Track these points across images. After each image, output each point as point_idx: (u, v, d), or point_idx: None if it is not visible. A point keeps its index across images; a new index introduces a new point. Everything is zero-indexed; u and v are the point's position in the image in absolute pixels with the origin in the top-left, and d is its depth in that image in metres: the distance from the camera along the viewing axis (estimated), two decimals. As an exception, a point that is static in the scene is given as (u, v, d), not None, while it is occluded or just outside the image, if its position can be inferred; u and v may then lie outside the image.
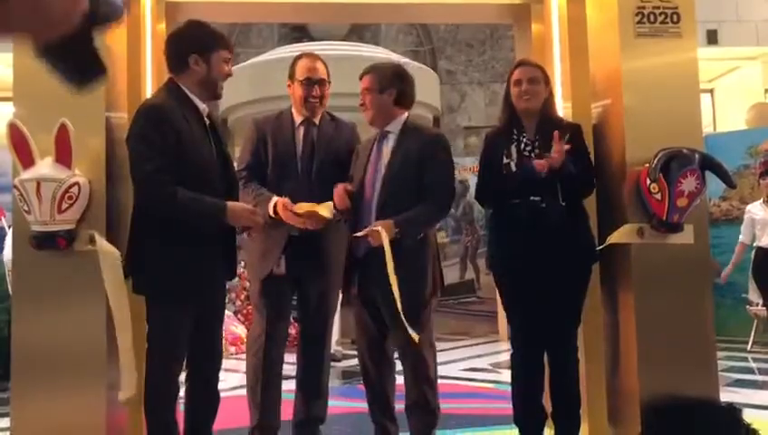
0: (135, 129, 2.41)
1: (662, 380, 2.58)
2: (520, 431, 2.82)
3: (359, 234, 2.70)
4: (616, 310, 2.77)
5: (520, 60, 3.02)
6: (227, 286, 2.92)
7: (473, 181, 6.94)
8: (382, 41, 10.74)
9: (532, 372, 2.80)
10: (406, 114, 2.92)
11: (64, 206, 2.40)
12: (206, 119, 2.57)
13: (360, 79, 2.91)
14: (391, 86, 2.86)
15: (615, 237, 2.63)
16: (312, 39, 9.81)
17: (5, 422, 4.38)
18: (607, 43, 2.81)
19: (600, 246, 2.71)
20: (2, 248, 6.15)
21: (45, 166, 2.40)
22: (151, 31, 3.10)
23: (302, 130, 3.05)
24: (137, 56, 2.94)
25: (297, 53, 3.27)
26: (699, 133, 2.72)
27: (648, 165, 2.59)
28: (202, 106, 2.56)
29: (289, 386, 3.13)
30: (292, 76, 3.08)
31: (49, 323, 2.50)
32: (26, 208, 2.41)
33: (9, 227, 6.07)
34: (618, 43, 2.71)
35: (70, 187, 2.40)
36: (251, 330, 3.13)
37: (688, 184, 2.52)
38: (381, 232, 2.61)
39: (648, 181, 2.56)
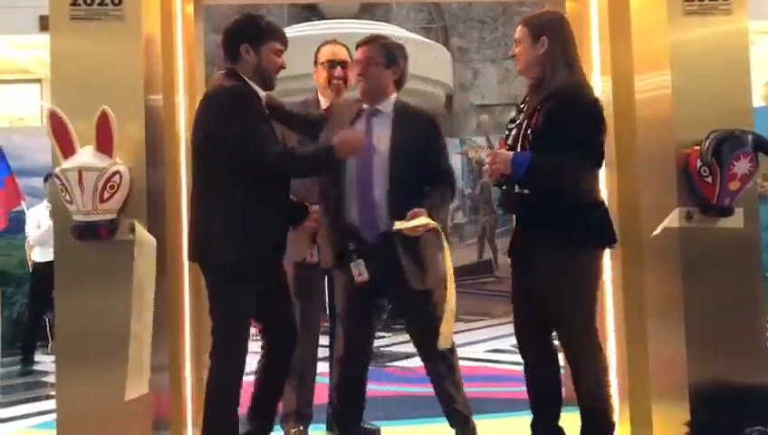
0: (223, 111, 2.42)
1: (711, 365, 2.55)
2: None
3: (402, 227, 2.53)
4: (663, 294, 2.72)
5: None
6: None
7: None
8: (393, 18, 10.60)
9: (530, 374, 2.67)
10: (395, 95, 2.78)
11: (106, 195, 2.36)
12: (265, 107, 2.59)
13: (359, 47, 2.74)
14: (397, 64, 2.74)
15: (665, 223, 2.56)
16: (322, 17, 9.69)
17: (33, 407, 4.42)
18: (653, 20, 2.73)
19: (654, 232, 2.60)
20: (21, 231, 6.15)
21: (87, 154, 2.36)
22: (181, 13, 3.06)
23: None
24: (169, 38, 2.90)
25: (310, 32, 3.31)
26: (750, 113, 2.65)
27: (697, 147, 2.53)
28: (261, 93, 2.58)
29: (321, 368, 3.14)
30: (315, 63, 3.11)
31: (91, 310, 2.49)
32: (68, 198, 2.37)
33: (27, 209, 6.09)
34: (666, 21, 2.64)
35: (111, 175, 2.37)
36: None
37: (741, 166, 2.46)
38: (430, 222, 2.52)
39: (699, 164, 2.51)
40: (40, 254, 6.04)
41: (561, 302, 2.48)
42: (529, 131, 2.45)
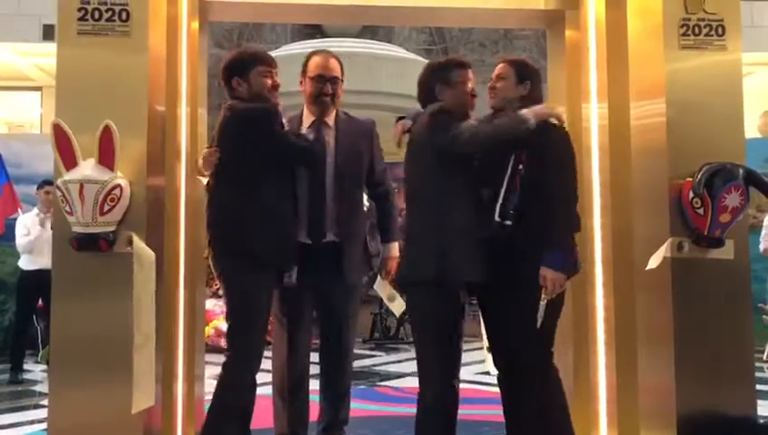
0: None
1: (699, 394, 2.57)
2: None
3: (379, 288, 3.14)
4: (653, 322, 2.75)
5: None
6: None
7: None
8: (395, 39, 10.71)
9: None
10: None
11: (106, 208, 2.39)
12: None
13: (467, 68, 2.76)
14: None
15: (657, 255, 2.59)
16: (325, 36, 9.78)
17: (22, 416, 4.40)
18: (649, 54, 2.79)
19: (648, 267, 2.63)
20: (14, 239, 6.14)
21: (88, 167, 2.39)
22: (186, 29, 3.10)
23: (310, 134, 3.00)
24: (174, 53, 2.94)
25: (311, 50, 3.27)
26: (742, 145, 2.70)
27: (690, 179, 2.58)
28: None
29: (313, 385, 3.13)
30: (304, 72, 3.04)
31: (87, 321, 2.51)
32: (68, 209, 2.40)
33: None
34: (661, 56, 2.69)
35: (112, 189, 2.40)
36: (273, 340, 3.08)
37: (732, 199, 2.51)
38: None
39: (691, 195, 2.55)
40: (27, 262, 6.02)
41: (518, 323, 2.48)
42: (520, 167, 2.51)
